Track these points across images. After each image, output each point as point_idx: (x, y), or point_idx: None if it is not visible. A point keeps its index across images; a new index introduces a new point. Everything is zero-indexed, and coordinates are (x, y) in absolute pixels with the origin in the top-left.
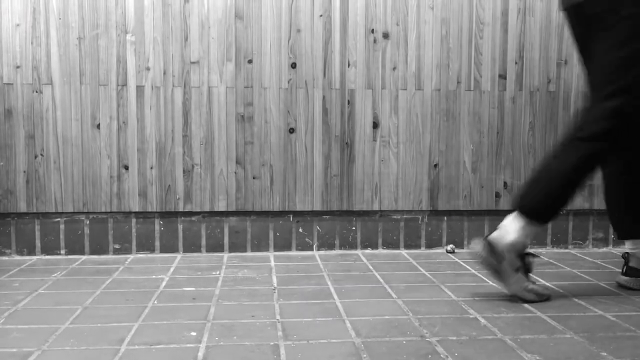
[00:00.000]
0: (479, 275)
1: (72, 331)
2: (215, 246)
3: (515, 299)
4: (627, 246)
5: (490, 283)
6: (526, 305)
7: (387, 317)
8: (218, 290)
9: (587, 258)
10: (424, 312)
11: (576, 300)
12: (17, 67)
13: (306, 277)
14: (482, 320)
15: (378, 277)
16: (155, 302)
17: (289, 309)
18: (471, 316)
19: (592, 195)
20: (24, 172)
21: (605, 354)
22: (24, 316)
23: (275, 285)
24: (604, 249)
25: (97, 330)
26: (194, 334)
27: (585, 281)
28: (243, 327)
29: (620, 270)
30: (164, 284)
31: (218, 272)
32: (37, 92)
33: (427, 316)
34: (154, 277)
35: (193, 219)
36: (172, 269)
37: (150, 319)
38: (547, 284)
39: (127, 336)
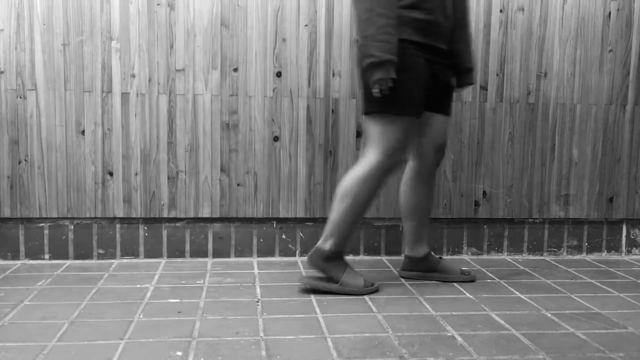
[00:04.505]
0: (456, 285)
1: (59, 350)
2: (199, 252)
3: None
4: None
5: (468, 295)
6: (502, 321)
7: (367, 334)
8: (202, 302)
9: (561, 266)
10: (403, 329)
11: (549, 315)
12: (1, 72)
13: (289, 287)
14: (459, 339)
15: None
16: (141, 315)
17: (272, 325)
18: (448, 334)
19: (567, 205)
20: (8, 177)
21: None
22: (11, 332)
23: (258, 296)
24: (578, 257)
25: (85, 349)
26: (179, 353)
27: (559, 293)
28: (228, 346)
29: None
30: (149, 294)
31: (202, 281)
32: (21, 97)
33: (407, 334)
34: (138, 286)
35: (177, 225)
36: (156, 277)
37: (136, 336)
38: (522, 296)
39: (114, 356)
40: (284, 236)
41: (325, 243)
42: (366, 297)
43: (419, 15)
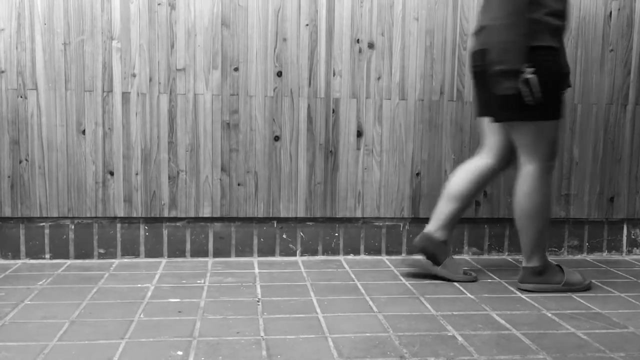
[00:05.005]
0: (457, 285)
1: (60, 349)
2: (199, 251)
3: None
4: None
5: (468, 294)
6: (502, 321)
7: (368, 334)
8: (203, 302)
9: None
10: (404, 328)
11: (550, 315)
12: (2, 72)
13: (289, 287)
14: (460, 339)
15: (360, 287)
16: (142, 315)
17: (273, 325)
18: (449, 333)
19: (567, 204)
20: (9, 177)
21: None
22: (11, 332)
23: (259, 296)
24: (579, 256)
25: (85, 348)
26: (180, 353)
27: (560, 293)
28: (228, 346)
29: None
30: (149, 294)
31: (203, 281)
32: (22, 97)
33: (407, 333)
34: (139, 285)
35: (178, 224)
36: (157, 277)
37: (137, 336)
38: (523, 296)
39: (115, 356)
40: (284, 236)
41: (530, 262)
42: (367, 297)
43: (559, 22)
